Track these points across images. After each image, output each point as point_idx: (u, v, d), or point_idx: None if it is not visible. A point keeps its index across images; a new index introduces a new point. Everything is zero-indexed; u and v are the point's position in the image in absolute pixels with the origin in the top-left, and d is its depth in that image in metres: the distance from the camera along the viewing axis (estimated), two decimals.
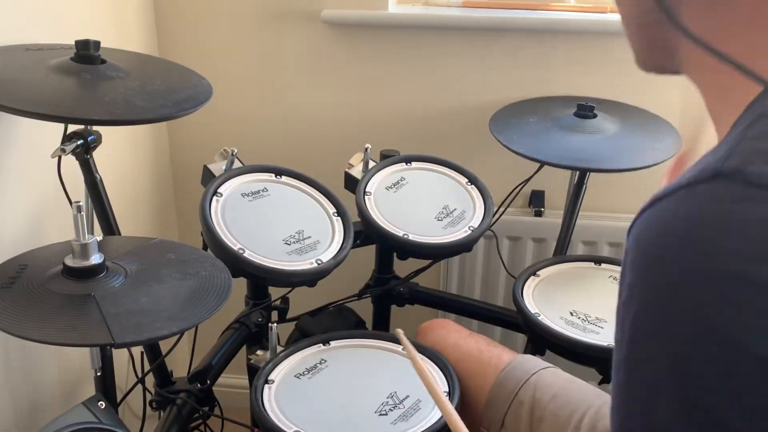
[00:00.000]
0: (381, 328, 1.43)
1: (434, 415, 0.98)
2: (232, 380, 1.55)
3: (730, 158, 0.42)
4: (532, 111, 1.49)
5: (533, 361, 1.05)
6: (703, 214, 0.42)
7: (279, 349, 1.11)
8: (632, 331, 0.45)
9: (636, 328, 0.45)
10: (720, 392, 0.40)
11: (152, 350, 1.23)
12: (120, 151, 1.47)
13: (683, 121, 1.18)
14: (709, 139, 0.52)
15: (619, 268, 0.74)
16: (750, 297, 0.39)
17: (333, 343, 1.12)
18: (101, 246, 0.94)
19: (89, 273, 0.91)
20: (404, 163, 1.36)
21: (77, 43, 1.05)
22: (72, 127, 1.07)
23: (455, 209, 1.30)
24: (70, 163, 1.10)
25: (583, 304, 1.22)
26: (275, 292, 1.31)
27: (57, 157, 1.06)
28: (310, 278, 1.13)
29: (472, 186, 1.34)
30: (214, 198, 1.15)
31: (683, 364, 0.41)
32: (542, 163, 1.37)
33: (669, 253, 0.43)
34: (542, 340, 1.19)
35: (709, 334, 0.40)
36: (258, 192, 1.20)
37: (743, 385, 0.40)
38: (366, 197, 1.27)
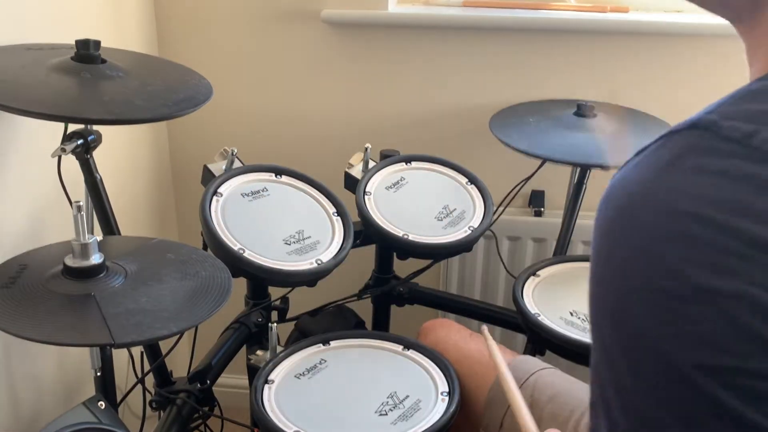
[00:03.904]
0: (381, 328, 1.43)
1: (434, 415, 0.98)
2: (232, 380, 1.55)
3: (713, 112, 0.42)
4: (531, 112, 1.49)
5: (532, 362, 1.05)
6: (672, 158, 0.41)
7: (279, 349, 1.11)
8: (590, 278, 0.45)
9: (592, 273, 0.45)
10: (660, 323, 0.40)
11: (152, 350, 1.23)
12: (120, 151, 1.47)
13: None
14: None
15: None
16: (700, 233, 0.39)
17: (333, 343, 1.12)
18: (101, 246, 0.94)
19: (89, 273, 0.91)
20: (404, 163, 1.36)
21: (77, 42, 1.04)
22: (72, 127, 1.07)
23: (455, 209, 1.30)
24: (70, 163, 1.10)
25: (583, 304, 1.22)
26: (275, 292, 1.31)
27: (57, 157, 1.06)
28: (310, 278, 1.13)
29: (472, 186, 1.34)
30: (214, 198, 1.15)
31: (626, 298, 0.41)
32: (543, 159, 1.37)
33: (632, 199, 0.43)
34: (542, 340, 1.19)
35: (656, 266, 0.40)
36: (258, 192, 1.20)
37: (681, 314, 0.39)
38: (366, 197, 1.27)
